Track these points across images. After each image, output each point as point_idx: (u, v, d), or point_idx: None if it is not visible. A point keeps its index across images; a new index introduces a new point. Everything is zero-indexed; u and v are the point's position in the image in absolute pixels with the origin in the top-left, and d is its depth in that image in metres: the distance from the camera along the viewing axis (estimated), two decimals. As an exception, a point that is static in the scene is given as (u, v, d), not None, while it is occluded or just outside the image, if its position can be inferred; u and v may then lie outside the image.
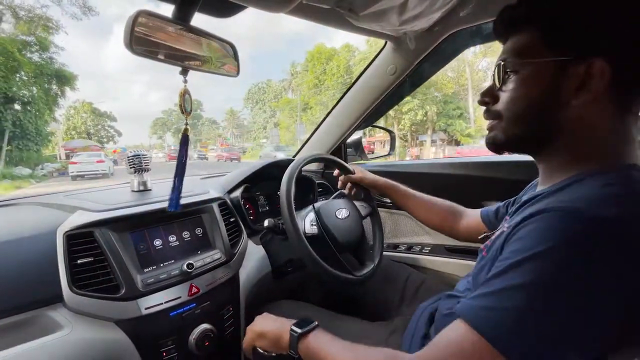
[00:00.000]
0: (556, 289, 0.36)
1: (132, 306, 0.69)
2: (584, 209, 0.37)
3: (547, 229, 0.38)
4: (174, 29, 0.64)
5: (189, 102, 0.72)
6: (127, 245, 0.74)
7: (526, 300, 0.37)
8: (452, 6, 0.90)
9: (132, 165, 0.92)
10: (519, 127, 0.49)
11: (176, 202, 0.75)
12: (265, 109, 37.96)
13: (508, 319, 0.37)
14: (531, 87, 0.46)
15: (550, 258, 0.36)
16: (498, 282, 0.39)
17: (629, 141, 0.45)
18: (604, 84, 0.42)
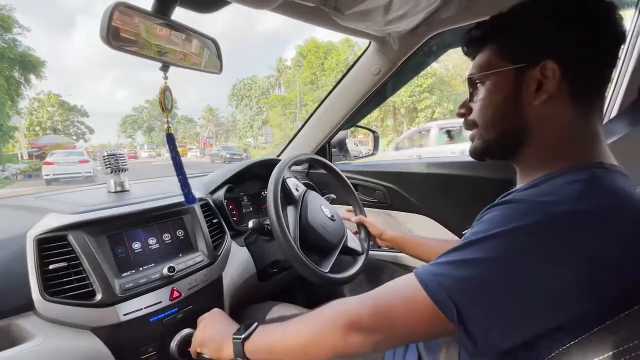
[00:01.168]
0: (504, 267, 0.39)
1: (110, 312, 0.66)
2: (547, 201, 0.41)
3: (509, 215, 0.42)
4: (154, 23, 0.62)
5: (169, 99, 0.69)
6: (103, 249, 0.71)
7: (475, 272, 0.40)
8: (435, 8, 0.91)
9: (108, 165, 0.88)
10: (493, 132, 0.54)
11: (192, 196, 0.72)
12: (251, 106, 35.45)
13: (455, 285, 0.41)
14: (496, 94, 0.52)
15: (505, 239, 0.40)
16: (455, 254, 0.43)
17: (596, 140, 0.48)
18: (557, 82, 0.46)
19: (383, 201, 1.29)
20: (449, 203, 1.16)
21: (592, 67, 0.47)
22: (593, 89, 0.48)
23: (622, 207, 0.41)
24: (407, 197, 1.24)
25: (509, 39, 0.51)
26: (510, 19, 0.51)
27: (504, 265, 0.39)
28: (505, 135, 0.53)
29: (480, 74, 0.53)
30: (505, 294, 0.39)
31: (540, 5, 0.48)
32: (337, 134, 1.35)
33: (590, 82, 0.48)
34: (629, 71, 0.90)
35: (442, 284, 0.41)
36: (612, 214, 0.40)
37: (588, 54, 0.46)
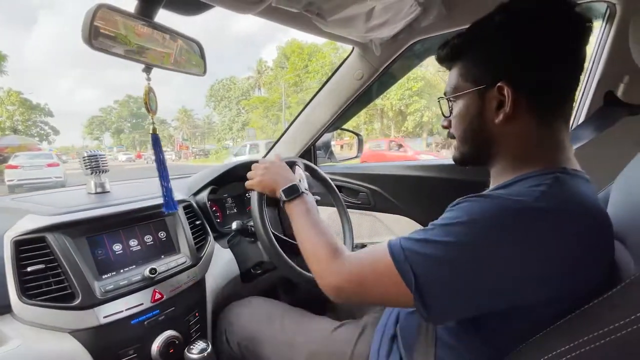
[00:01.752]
0: (464, 252, 0.43)
1: (89, 315, 0.66)
2: (512, 198, 0.45)
3: (477, 207, 0.46)
4: (137, 25, 0.62)
5: (154, 100, 0.70)
6: (83, 251, 0.70)
7: (437, 252, 0.45)
8: (415, 16, 0.94)
9: (89, 166, 0.87)
10: (466, 145, 0.59)
11: (172, 201, 0.73)
12: (231, 107, 34.38)
13: (417, 260, 0.46)
14: (464, 113, 0.57)
15: (469, 228, 0.44)
16: (425, 233, 0.48)
17: (561, 147, 0.52)
18: (512, 103, 0.50)
19: (367, 203, 1.32)
20: (429, 204, 1.20)
21: (550, 88, 0.50)
22: (554, 105, 0.52)
23: (577, 208, 0.44)
24: (390, 199, 1.27)
25: (469, 61, 0.55)
26: (469, 41, 0.55)
27: (464, 249, 0.43)
28: (476, 148, 0.58)
29: (450, 94, 0.59)
30: (460, 275, 0.43)
31: (496, 29, 0.52)
32: (322, 136, 1.37)
33: (550, 100, 0.51)
34: (596, 79, 0.95)
35: (408, 257, 0.46)
36: (566, 214, 0.43)
37: (542, 77, 0.50)
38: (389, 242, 0.50)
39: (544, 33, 0.49)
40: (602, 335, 0.36)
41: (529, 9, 0.50)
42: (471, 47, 0.55)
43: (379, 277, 0.49)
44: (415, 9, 0.90)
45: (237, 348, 0.82)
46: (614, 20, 0.87)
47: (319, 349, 0.73)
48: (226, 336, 0.86)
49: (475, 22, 0.55)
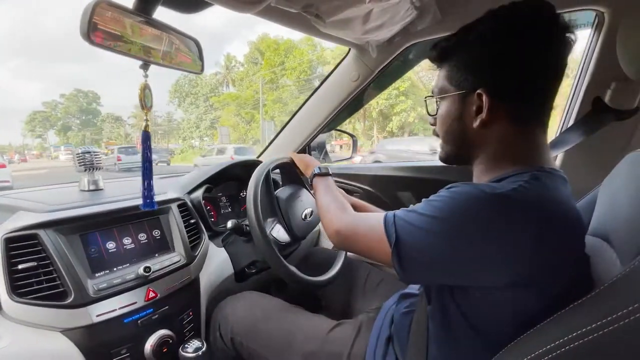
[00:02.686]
0: (442, 225, 0.48)
1: (82, 314, 0.65)
2: (489, 187, 0.48)
3: (463, 191, 0.49)
4: (135, 21, 0.62)
5: (149, 97, 0.69)
6: (76, 249, 0.69)
7: (420, 222, 0.50)
8: (411, 20, 0.96)
9: (82, 162, 0.85)
10: (448, 145, 0.62)
11: (151, 200, 0.72)
12: (198, 104, 30.98)
13: (402, 224, 0.52)
14: (448, 114, 0.59)
15: (453, 206, 0.48)
16: (415, 207, 0.53)
17: (540, 149, 0.55)
18: (488, 109, 0.53)
19: None
20: None
21: (527, 97, 0.53)
22: (531, 112, 0.54)
23: (550, 202, 0.48)
24: (383, 199, 1.28)
25: (454, 65, 0.58)
26: (455, 45, 0.57)
27: (441, 223, 0.48)
28: (457, 148, 0.61)
29: (437, 96, 0.62)
30: (435, 245, 0.48)
31: (478, 37, 0.54)
32: (317, 137, 1.37)
33: (527, 108, 0.54)
34: (584, 85, 0.98)
35: (396, 222, 0.53)
36: (539, 205, 0.46)
37: (520, 87, 0.52)
38: (387, 213, 0.56)
39: (524, 45, 0.51)
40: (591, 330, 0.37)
41: (511, 22, 0.52)
42: (456, 51, 0.57)
43: (369, 230, 0.56)
44: (411, 13, 0.92)
45: (230, 343, 0.82)
46: (602, 28, 0.89)
47: (316, 349, 0.73)
48: (220, 331, 0.85)
49: (462, 27, 0.57)
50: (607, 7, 0.87)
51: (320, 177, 0.85)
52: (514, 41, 0.51)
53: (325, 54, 21.67)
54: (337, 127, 1.46)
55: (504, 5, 0.53)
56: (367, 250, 0.59)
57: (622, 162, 0.59)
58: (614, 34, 0.78)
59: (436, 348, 0.57)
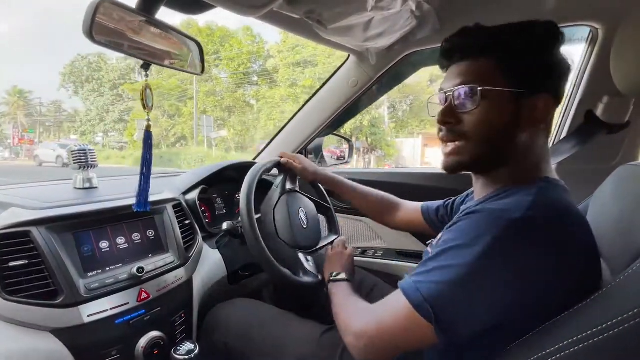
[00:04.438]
0: (469, 272, 0.44)
1: (73, 313, 0.64)
2: (504, 211, 0.46)
3: (475, 225, 0.46)
4: (138, 21, 0.62)
5: (150, 97, 0.69)
6: (69, 247, 0.68)
7: (447, 277, 0.45)
8: (411, 29, 0.97)
9: (77, 160, 0.84)
10: (485, 148, 0.53)
11: (144, 201, 0.72)
12: (102, 91, 24.38)
13: (429, 288, 0.45)
14: (496, 113, 0.51)
15: (471, 248, 0.44)
16: (431, 263, 0.48)
17: (546, 158, 0.55)
18: (548, 115, 0.51)
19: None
20: None
21: (556, 104, 0.54)
22: (551, 117, 0.55)
23: (563, 217, 0.47)
24: None
25: (512, 59, 0.50)
26: (515, 37, 0.51)
27: (469, 269, 0.44)
28: (494, 153, 0.53)
29: (479, 86, 0.51)
30: (471, 293, 0.44)
31: (532, 42, 0.51)
32: (313, 141, 1.38)
33: (553, 113, 0.54)
34: (578, 98, 1.00)
35: (419, 288, 0.46)
36: (555, 222, 0.46)
37: (563, 87, 0.53)
38: (401, 284, 0.50)
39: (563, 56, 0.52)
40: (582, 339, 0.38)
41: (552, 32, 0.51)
42: (519, 47, 0.50)
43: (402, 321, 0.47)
44: (411, 22, 0.93)
45: (224, 349, 0.82)
46: (596, 44, 0.92)
47: (308, 354, 0.74)
48: (213, 338, 0.85)
49: (515, 24, 0.51)
50: (601, 23, 0.89)
51: (336, 284, 0.73)
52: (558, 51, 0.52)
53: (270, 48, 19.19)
54: (334, 132, 1.46)
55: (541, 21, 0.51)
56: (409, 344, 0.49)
57: (612, 175, 0.60)
58: (607, 50, 0.80)
59: (433, 354, 0.57)
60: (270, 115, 17.60)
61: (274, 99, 17.78)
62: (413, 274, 0.50)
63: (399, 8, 0.81)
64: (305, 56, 16.76)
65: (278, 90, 17.79)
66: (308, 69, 16.74)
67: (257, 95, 19.85)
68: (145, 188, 0.74)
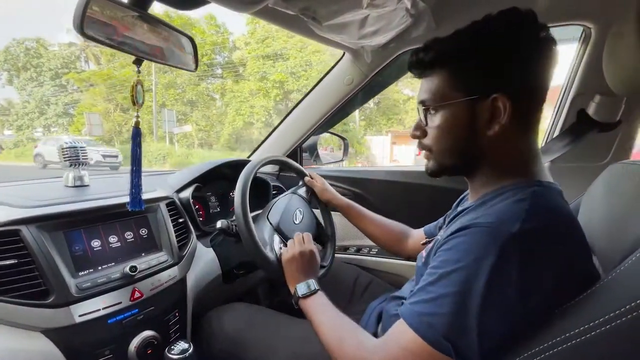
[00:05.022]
0: (485, 295, 0.42)
1: (64, 313, 0.63)
2: (501, 225, 0.44)
3: (475, 244, 0.45)
4: (130, 16, 0.61)
5: (141, 93, 0.68)
6: (59, 246, 0.67)
7: (457, 306, 0.43)
8: (406, 27, 0.97)
9: (68, 157, 0.83)
10: (448, 159, 0.57)
11: (139, 200, 0.70)
12: (42, 81, 21.01)
13: (445, 324, 0.44)
14: (451, 124, 0.54)
15: (472, 270, 0.43)
16: (433, 289, 0.46)
17: (536, 159, 0.53)
18: (508, 115, 0.49)
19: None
20: (410, 209, 1.23)
21: (534, 97, 0.52)
22: (533, 115, 0.53)
23: (558, 223, 0.47)
24: (373, 202, 1.29)
25: (459, 68, 0.52)
26: (459, 46, 0.52)
27: (476, 293, 0.43)
28: (460, 160, 0.56)
29: (433, 101, 0.54)
30: (485, 316, 0.43)
31: (492, 37, 0.50)
32: (308, 139, 1.37)
33: (531, 110, 0.52)
34: (570, 97, 1.01)
35: (431, 324, 0.44)
36: (551, 231, 0.45)
37: (531, 86, 0.51)
38: (403, 314, 0.49)
39: (533, 46, 0.49)
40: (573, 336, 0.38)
41: (518, 21, 0.49)
42: (463, 54, 0.52)
43: (416, 357, 0.45)
44: (407, 20, 0.93)
45: (219, 354, 0.81)
46: (589, 43, 0.93)
47: (301, 351, 0.73)
48: (207, 343, 0.84)
49: (456, 31, 0.53)
50: (594, 23, 0.90)
51: (307, 300, 0.69)
52: (525, 42, 0.49)
53: (236, 39, 18.00)
54: (330, 130, 1.46)
55: (503, 10, 0.50)
56: None
57: (603, 173, 0.61)
58: (600, 49, 0.80)
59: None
60: (239, 110, 16.57)
61: (242, 93, 16.73)
62: (414, 301, 0.48)
63: (394, 6, 0.81)
64: (276, 49, 15.76)
65: (247, 84, 16.63)
66: (279, 63, 15.87)
67: (223, 88, 18.29)
68: (137, 186, 0.73)
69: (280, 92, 15.93)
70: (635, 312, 0.34)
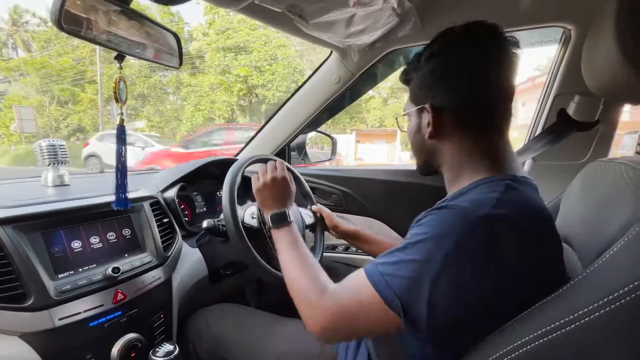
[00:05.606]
0: (436, 266, 0.45)
1: (43, 317, 0.61)
2: (471, 208, 0.47)
3: (443, 220, 0.48)
4: (111, 10, 0.59)
5: (124, 90, 0.67)
6: (37, 248, 0.65)
7: (415, 272, 0.46)
8: (392, 26, 0.98)
9: (48, 156, 0.80)
10: (418, 158, 0.67)
11: (124, 199, 0.69)
12: None
13: (399, 284, 0.47)
14: (410, 129, 0.65)
15: (437, 242, 0.46)
16: (398, 254, 0.49)
17: (503, 157, 0.56)
18: (434, 121, 0.57)
19: (339, 204, 1.34)
20: (398, 207, 1.24)
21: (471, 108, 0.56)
22: (484, 120, 0.56)
23: (528, 215, 0.48)
24: (361, 201, 1.30)
25: (413, 84, 0.62)
26: (413, 67, 0.62)
27: (437, 264, 0.45)
28: (422, 160, 0.66)
29: (403, 113, 0.67)
30: (439, 288, 0.45)
31: (425, 58, 0.58)
32: (296, 137, 1.37)
33: (479, 115, 0.56)
34: (551, 97, 1.04)
35: (389, 283, 0.47)
36: (520, 219, 0.47)
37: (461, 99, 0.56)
38: (366, 270, 0.51)
39: (461, 61, 0.55)
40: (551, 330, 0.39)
41: (452, 39, 0.56)
42: (413, 72, 0.62)
43: (366, 309, 0.48)
44: (393, 20, 0.94)
45: (205, 355, 0.80)
46: (569, 44, 0.95)
47: (288, 350, 0.73)
48: (193, 344, 0.83)
49: (417, 52, 0.61)
50: (573, 24, 0.92)
51: (278, 231, 0.71)
52: (453, 57, 0.55)
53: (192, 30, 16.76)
54: (317, 129, 1.46)
55: (453, 27, 0.57)
56: (371, 331, 0.53)
57: (582, 171, 0.63)
58: (579, 50, 0.82)
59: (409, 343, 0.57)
60: (198, 106, 15.31)
61: (201, 87, 15.41)
62: (380, 262, 0.51)
63: (381, 5, 0.81)
64: (238, 41, 14.58)
65: (206, 78, 15.32)
66: (242, 56, 14.76)
67: (178, 82, 16.69)
68: (123, 184, 0.71)
69: (243, 86, 15.12)
70: (608, 307, 0.35)
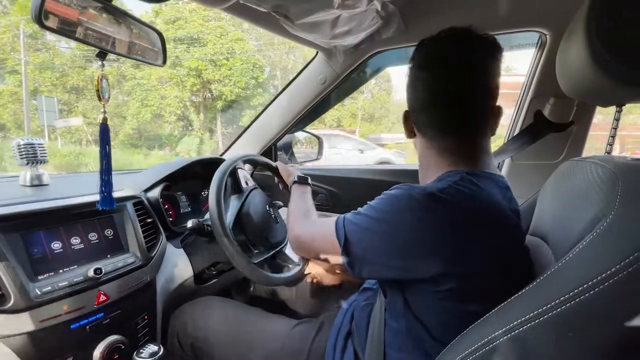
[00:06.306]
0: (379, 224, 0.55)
1: (23, 319, 0.59)
2: (423, 188, 0.55)
3: (398, 193, 0.56)
4: (93, 7, 0.58)
5: (106, 88, 0.65)
6: (16, 249, 0.63)
7: (363, 222, 0.57)
8: (376, 28, 1.00)
9: (25, 155, 0.78)
10: None
11: (109, 198, 0.68)
12: None
13: (349, 226, 0.58)
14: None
15: (389, 206, 0.56)
16: (362, 210, 0.59)
17: (469, 152, 0.61)
18: (406, 122, 0.68)
19: (325, 204, 1.35)
20: None
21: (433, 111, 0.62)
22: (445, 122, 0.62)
23: (474, 203, 0.53)
24: (347, 200, 1.31)
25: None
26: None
27: (379, 222, 0.55)
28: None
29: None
30: (375, 240, 0.55)
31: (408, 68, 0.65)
32: (283, 137, 1.37)
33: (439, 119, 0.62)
34: (528, 99, 1.08)
35: (345, 225, 0.59)
36: (461, 204, 0.52)
37: (425, 103, 0.63)
38: (339, 217, 0.62)
39: (426, 71, 0.61)
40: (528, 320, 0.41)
41: (418, 52, 0.63)
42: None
43: (323, 235, 0.64)
44: (377, 22, 0.95)
45: (190, 350, 0.80)
46: (545, 48, 0.99)
47: (277, 348, 0.74)
48: (178, 338, 0.82)
49: None
50: (549, 29, 0.96)
51: (298, 185, 0.89)
52: (417, 68, 0.62)
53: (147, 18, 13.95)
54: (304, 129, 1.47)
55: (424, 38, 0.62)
56: (321, 253, 0.65)
57: (556, 170, 0.66)
58: (554, 54, 0.86)
59: (392, 340, 0.59)
60: (145, 101, 13.99)
61: (149, 80, 13.99)
62: (352, 212, 0.61)
63: (365, 7, 0.83)
64: (191, 32, 13.58)
65: (154, 70, 13.55)
66: (195, 48, 13.80)
67: (120, 74, 14.74)
68: (108, 183, 0.70)
69: (197, 81, 14.07)
70: (578, 298, 0.37)
